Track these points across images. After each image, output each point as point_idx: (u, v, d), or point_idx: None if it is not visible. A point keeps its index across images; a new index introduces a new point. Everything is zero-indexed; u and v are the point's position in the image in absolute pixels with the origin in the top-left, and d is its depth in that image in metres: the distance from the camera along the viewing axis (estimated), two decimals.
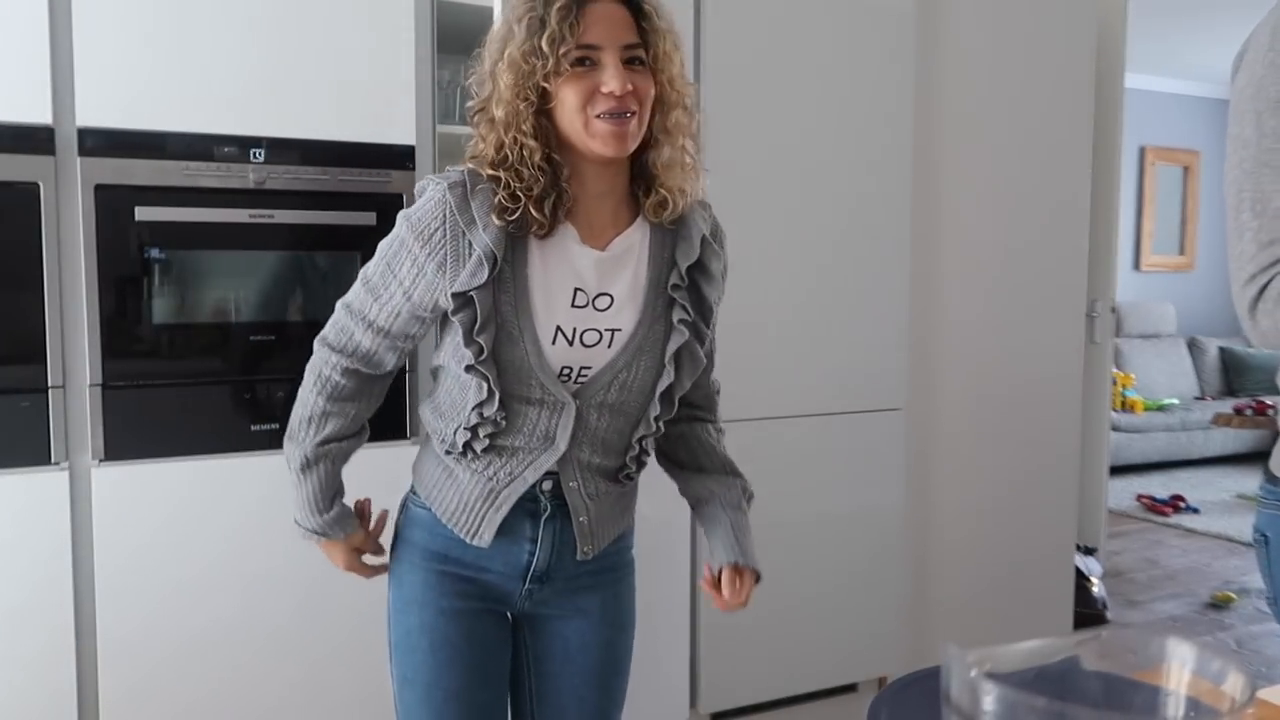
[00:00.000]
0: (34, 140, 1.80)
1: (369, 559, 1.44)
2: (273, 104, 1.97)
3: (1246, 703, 0.55)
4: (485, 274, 1.19)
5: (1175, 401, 6.54)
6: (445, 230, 1.22)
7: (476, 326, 1.21)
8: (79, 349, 1.86)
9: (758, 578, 1.38)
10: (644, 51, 1.21)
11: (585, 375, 1.29)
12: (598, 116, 1.19)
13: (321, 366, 1.33)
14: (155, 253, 1.91)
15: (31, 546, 1.84)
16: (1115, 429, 5.66)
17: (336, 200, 2.03)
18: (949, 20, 2.73)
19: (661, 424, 1.35)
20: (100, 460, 1.88)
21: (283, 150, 1.98)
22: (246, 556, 1.98)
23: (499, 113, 1.21)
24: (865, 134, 2.56)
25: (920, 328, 2.74)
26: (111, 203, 1.86)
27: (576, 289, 1.26)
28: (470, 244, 1.21)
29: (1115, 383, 6.03)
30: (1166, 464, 6.37)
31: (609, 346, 1.29)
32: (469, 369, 1.23)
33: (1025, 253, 2.91)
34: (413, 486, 1.41)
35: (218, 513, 1.96)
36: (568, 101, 1.19)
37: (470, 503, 1.32)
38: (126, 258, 1.88)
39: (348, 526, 1.40)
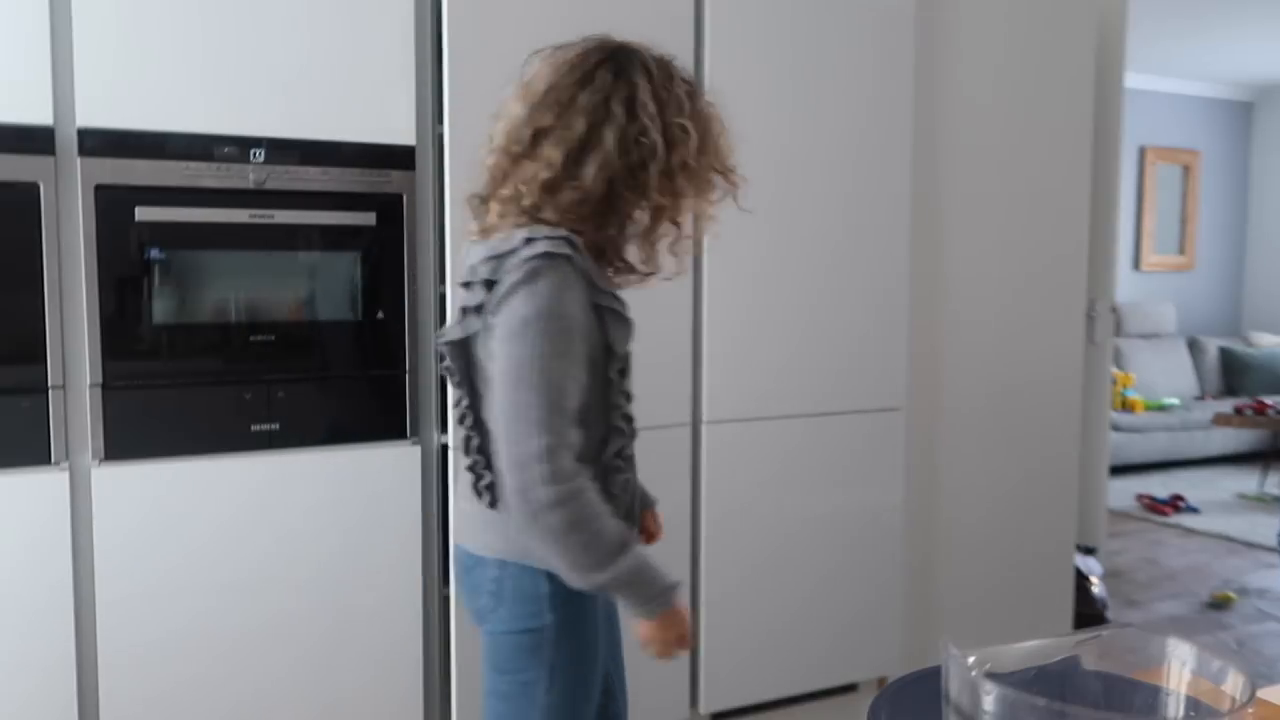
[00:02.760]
0: (34, 140, 1.80)
1: None
2: (273, 104, 1.97)
3: (1246, 703, 0.55)
4: (629, 326, 1.35)
5: (1175, 401, 6.54)
6: (592, 287, 1.31)
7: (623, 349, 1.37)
8: (79, 349, 1.86)
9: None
10: None
11: None
12: None
13: (576, 502, 1.21)
14: (155, 253, 1.91)
15: (31, 546, 1.84)
16: (1115, 429, 5.67)
17: (336, 200, 2.03)
18: (949, 20, 2.73)
19: None
20: (100, 460, 1.88)
21: (283, 150, 1.98)
22: (247, 556, 1.97)
23: (649, 196, 1.35)
24: (865, 134, 2.56)
25: (920, 328, 2.74)
26: (111, 203, 1.86)
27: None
28: (604, 296, 1.33)
29: (1115, 383, 6.03)
30: (1166, 464, 6.36)
31: None
32: (610, 388, 1.36)
33: (1025, 253, 2.91)
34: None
35: (218, 513, 1.95)
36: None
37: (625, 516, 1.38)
38: (126, 258, 1.88)
39: None
